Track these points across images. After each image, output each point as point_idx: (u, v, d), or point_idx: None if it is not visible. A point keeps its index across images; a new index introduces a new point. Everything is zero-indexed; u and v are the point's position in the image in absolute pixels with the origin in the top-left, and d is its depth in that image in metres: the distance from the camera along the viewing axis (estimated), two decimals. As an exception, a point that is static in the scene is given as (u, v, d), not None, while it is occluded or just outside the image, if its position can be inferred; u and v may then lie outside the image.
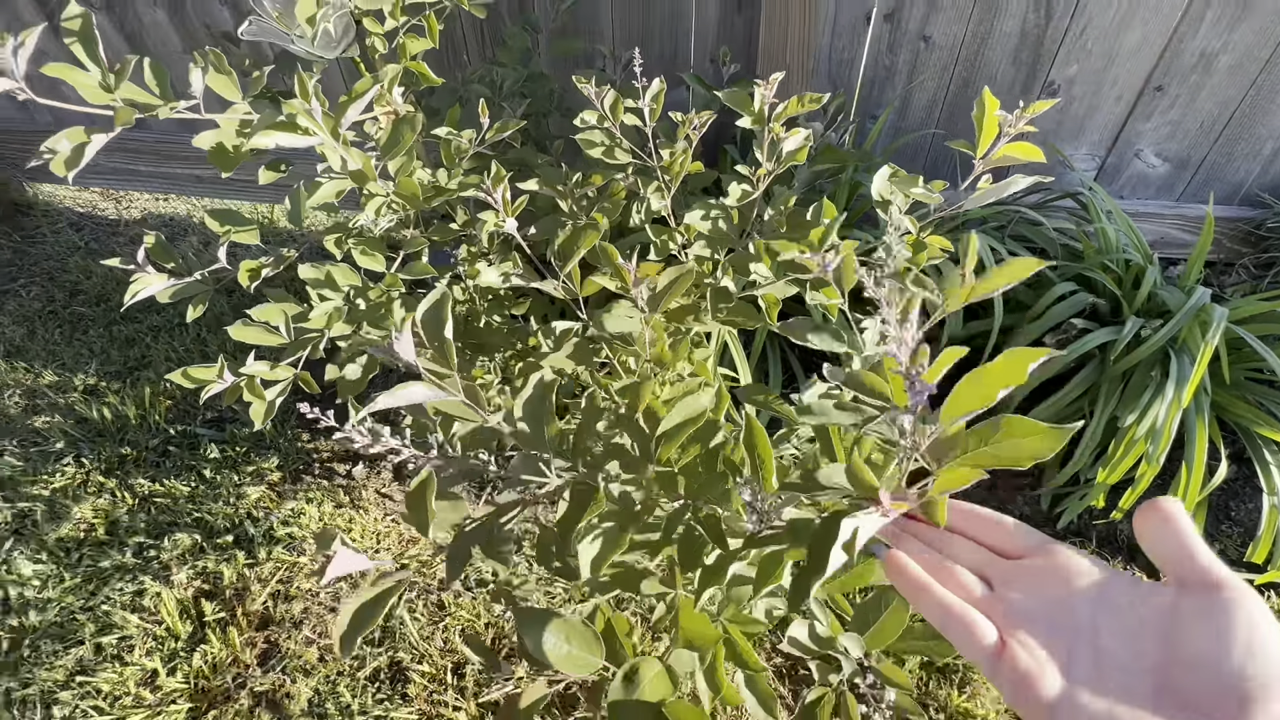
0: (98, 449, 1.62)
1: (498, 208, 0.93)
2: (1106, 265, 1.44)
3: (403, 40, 1.11)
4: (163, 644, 1.26)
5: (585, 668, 0.72)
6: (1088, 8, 1.44)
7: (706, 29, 1.63)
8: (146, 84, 0.82)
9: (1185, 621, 0.30)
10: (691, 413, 0.60)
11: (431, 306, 0.58)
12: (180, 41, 1.91)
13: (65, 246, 2.33)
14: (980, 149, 0.83)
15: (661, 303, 0.86)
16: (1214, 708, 0.28)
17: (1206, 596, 0.30)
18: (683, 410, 0.61)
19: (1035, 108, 0.79)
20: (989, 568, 0.39)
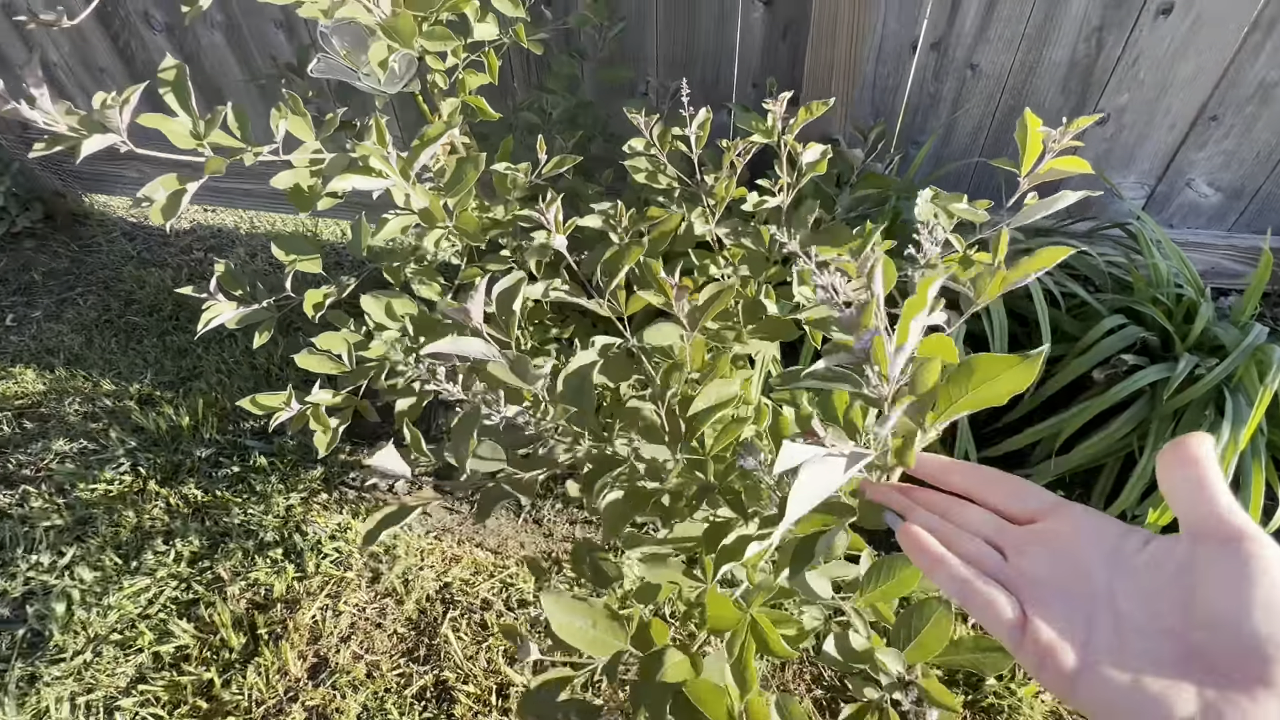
0: (153, 458, 1.68)
1: (550, 228, 0.95)
2: (1157, 298, 1.42)
3: (462, 76, 1.14)
4: (218, 655, 1.31)
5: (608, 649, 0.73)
6: (1140, 39, 1.42)
7: (750, 55, 1.64)
8: (230, 128, 0.85)
9: (1203, 577, 0.28)
10: (721, 397, 0.63)
11: (508, 287, 0.62)
12: (236, 63, 1.98)
13: (120, 256, 2.42)
14: (1025, 166, 0.83)
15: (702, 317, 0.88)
16: (1234, 668, 0.26)
17: (1225, 548, 0.28)
18: (713, 393, 0.64)
19: (1080, 123, 0.79)
20: (1002, 535, 0.38)
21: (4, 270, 2.35)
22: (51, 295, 2.26)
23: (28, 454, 1.72)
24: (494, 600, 1.39)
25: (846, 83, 1.52)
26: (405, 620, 1.36)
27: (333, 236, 2.45)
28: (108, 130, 0.68)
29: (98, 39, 2.04)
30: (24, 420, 1.82)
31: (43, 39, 2.11)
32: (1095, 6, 1.40)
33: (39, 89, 0.61)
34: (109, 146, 0.73)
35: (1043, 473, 1.40)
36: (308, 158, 0.91)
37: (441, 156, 1.18)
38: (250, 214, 2.63)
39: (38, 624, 1.36)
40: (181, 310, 2.15)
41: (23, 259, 2.41)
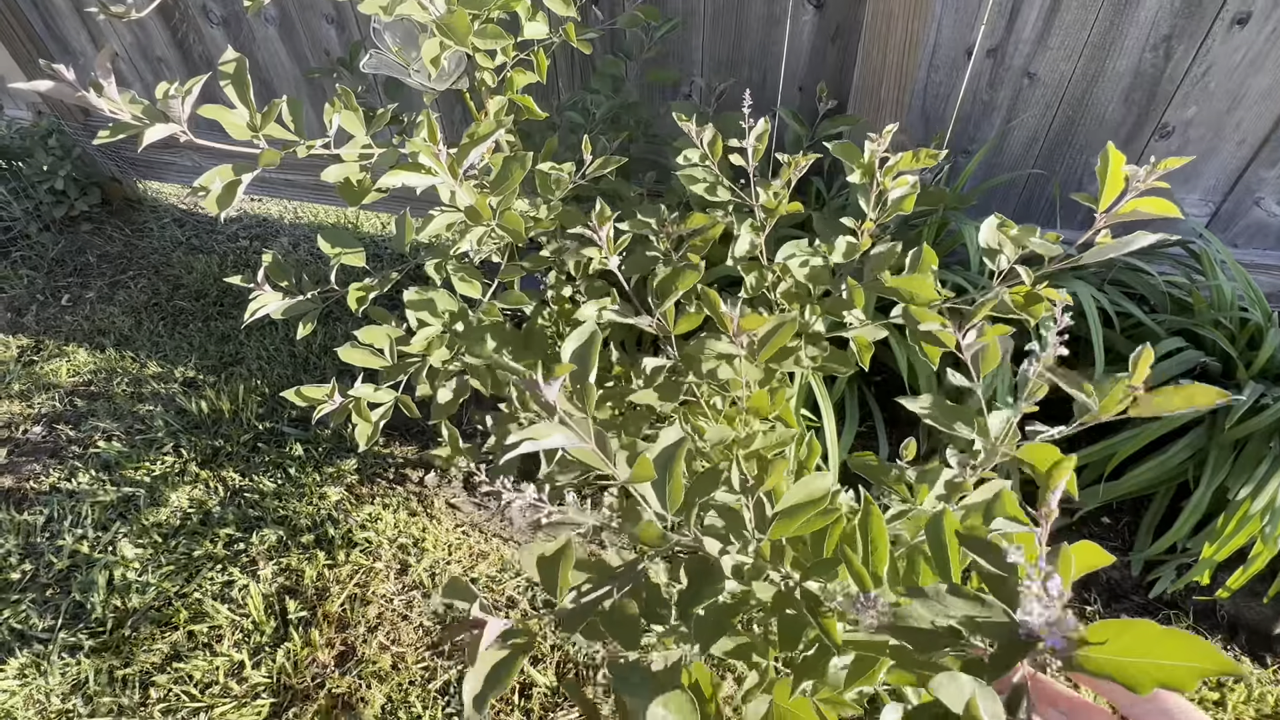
0: (195, 440, 1.72)
1: (601, 245, 0.94)
2: (1219, 321, 1.36)
3: (510, 74, 1.14)
4: (249, 637, 1.33)
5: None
6: (1213, 49, 1.36)
7: (798, 58, 1.62)
8: (284, 121, 0.86)
9: None
10: (810, 495, 0.60)
11: (580, 346, 0.59)
12: (287, 56, 2.02)
13: (169, 242, 2.49)
14: (1103, 203, 0.79)
15: (762, 352, 0.86)
16: None
17: None
18: (801, 491, 0.61)
19: (1168, 164, 0.75)
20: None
21: (62, 252, 2.45)
22: (105, 277, 2.34)
23: (78, 431, 1.78)
24: (519, 599, 1.39)
25: (898, 89, 1.48)
26: (431, 614, 1.37)
27: (373, 229, 2.49)
28: (169, 120, 0.70)
29: (157, 30, 2.11)
30: (75, 398, 1.88)
31: (106, 30, 2.18)
32: (1165, 14, 1.34)
33: (106, 79, 0.62)
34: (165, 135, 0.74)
35: (1090, 498, 1.35)
36: (357, 152, 0.92)
37: (487, 154, 1.18)
38: (294, 204, 2.69)
39: (80, 596, 1.40)
40: (226, 296, 2.20)
41: (79, 241, 2.50)
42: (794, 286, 1.09)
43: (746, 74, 1.67)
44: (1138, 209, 0.78)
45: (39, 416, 1.83)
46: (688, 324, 0.95)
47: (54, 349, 2.04)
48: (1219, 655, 0.31)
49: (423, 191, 0.96)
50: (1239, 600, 1.32)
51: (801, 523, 0.59)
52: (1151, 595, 1.35)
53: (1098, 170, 0.77)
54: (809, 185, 1.68)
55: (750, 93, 1.68)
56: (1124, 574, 1.40)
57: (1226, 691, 1.21)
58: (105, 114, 0.69)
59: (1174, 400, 0.48)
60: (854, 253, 0.95)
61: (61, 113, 2.46)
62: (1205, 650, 0.31)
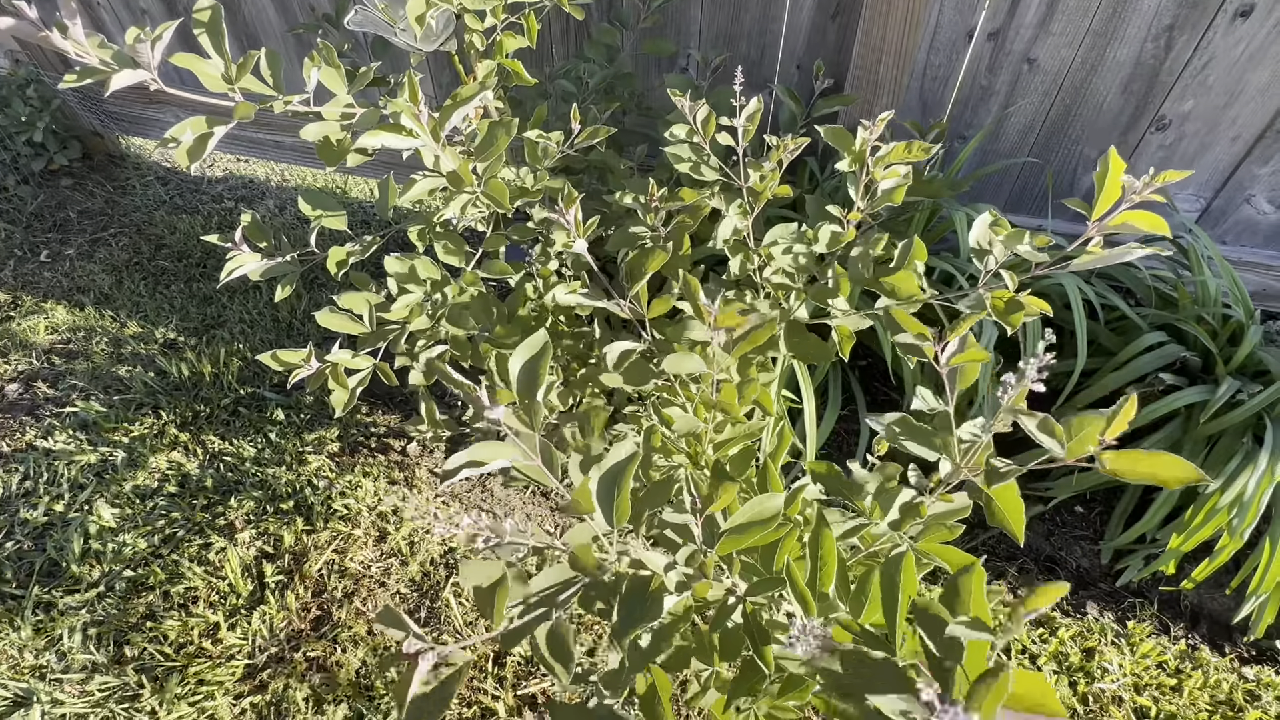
0: (174, 402, 1.70)
1: (569, 229, 0.92)
2: (1202, 317, 1.36)
3: (500, 38, 1.11)
4: (225, 600, 1.33)
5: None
6: (1214, 42, 1.35)
7: (796, 35, 1.59)
8: (261, 75, 0.84)
9: None
10: (760, 514, 0.60)
11: (529, 360, 0.58)
12: (274, 12, 1.96)
13: (152, 200, 2.44)
14: (1098, 211, 0.78)
15: (738, 348, 0.85)
16: None
17: None
18: (752, 510, 0.61)
19: (1167, 176, 0.74)
20: None
21: (41, 206, 2.39)
22: (85, 234, 2.29)
23: (55, 389, 1.76)
24: (497, 569, 1.40)
25: (896, 70, 1.46)
26: (408, 581, 1.38)
27: (361, 195, 2.45)
28: (138, 66, 0.67)
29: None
30: (53, 356, 1.85)
31: (87, -24, 2.11)
32: (1169, 4, 1.32)
33: (72, 19, 0.59)
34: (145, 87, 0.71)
35: (1063, 488, 1.37)
36: (339, 111, 0.89)
37: (474, 119, 1.15)
38: (282, 167, 2.64)
39: (56, 554, 1.40)
40: (210, 258, 2.16)
41: (59, 196, 2.44)
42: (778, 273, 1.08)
43: (744, 49, 1.64)
44: (1129, 222, 0.77)
45: (15, 374, 1.81)
46: (662, 307, 0.93)
47: (31, 305, 2.01)
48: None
49: (410, 157, 0.94)
50: (1202, 591, 1.35)
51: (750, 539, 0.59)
52: (1119, 584, 1.37)
53: (1096, 176, 0.76)
54: (802, 166, 1.66)
55: (747, 69, 1.66)
56: (1094, 562, 1.42)
57: (1184, 678, 1.24)
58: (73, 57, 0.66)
59: (1139, 466, 0.48)
60: (838, 243, 0.94)
61: (40, 61, 2.38)
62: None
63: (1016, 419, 0.55)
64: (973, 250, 0.84)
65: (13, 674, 1.23)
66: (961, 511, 0.69)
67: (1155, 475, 0.48)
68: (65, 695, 1.20)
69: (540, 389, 0.57)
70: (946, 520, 0.69)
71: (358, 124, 0.87)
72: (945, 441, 0.64)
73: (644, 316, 0.93)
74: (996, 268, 0.85)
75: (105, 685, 1.22)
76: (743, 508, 0.60)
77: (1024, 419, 0.54)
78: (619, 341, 0.89)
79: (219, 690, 1.21)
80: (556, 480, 0.60)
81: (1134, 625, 1.31)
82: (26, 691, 1.20)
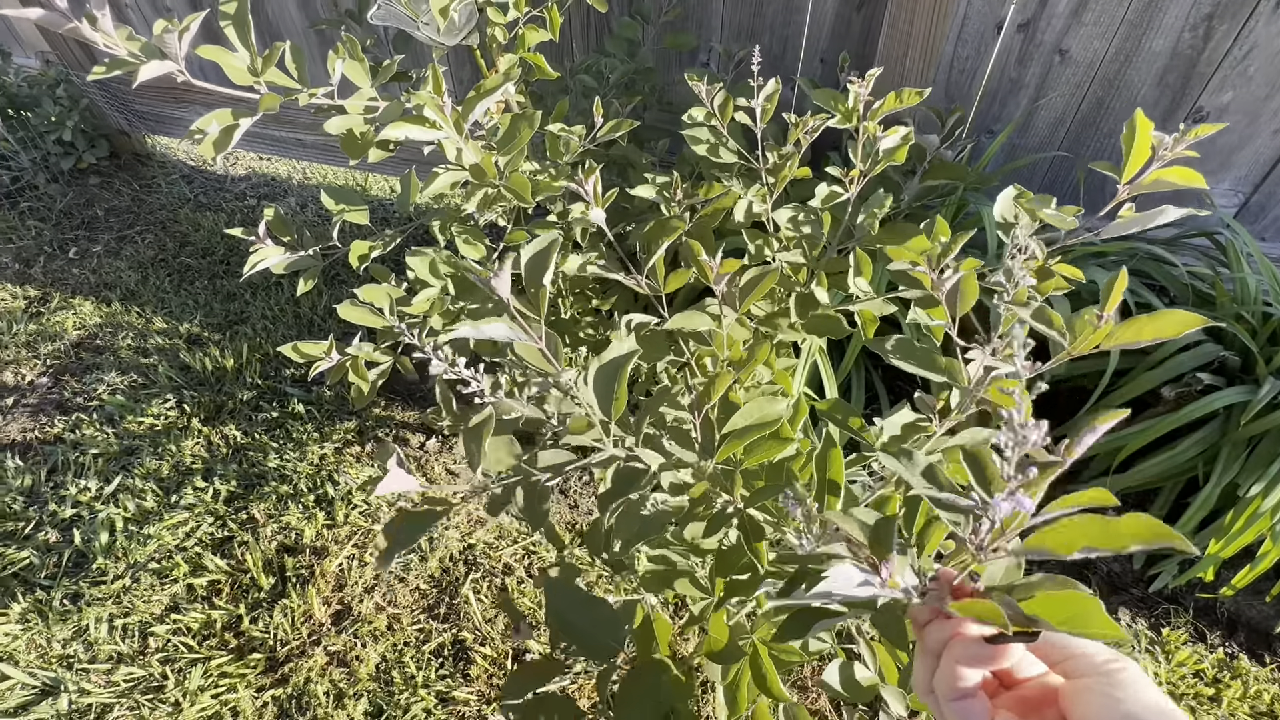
0: (198, 396, 1.72)
1: (588, 200, 0.91)
2: (1241, 315, 1.32)
3: (522, 31, 1.10)
4: (247, 592, 1.34)
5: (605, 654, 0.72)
6: (1255, 30, 1.30)
7: (820, 27, 1.56)
8: (286, 68, 0.84)
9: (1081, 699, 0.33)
10: (762, 417, 0.59)
11: (538, 252, 0.58)
12: (296, 8, 1.97)
13: (177, 198, 2.47)
14: (1127, 173, 0.75)
15: (743, 302, 0.84)
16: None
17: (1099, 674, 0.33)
18: (753, 412, 0.60)
19: (1200, 130, 0.72)
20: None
21: (70, 204, 2.43)
22: (112, 232, 2.33)
23: (82, 383, 1.79)
24: (515, 566, 1.40)
25: (923, 61, 1.43)
26: (428, 577, 1.38)
27: (381, 193, 2.46)
28: (165, 57, 0.67)
29: (167, -20, 2.06)
30: (80, 351, 1.88)
31: (115, -23, 2.14)
32: (1209, -8, 1.28)
33: (101, 9, 0.60)
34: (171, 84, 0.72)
35: (1095, 490, 1.33)
36: (363, 104, 0.89)
37: (495, 113, 1.15)
38: (304, 165, 2.66)
39: (83, 546, 1.42)
40: (233, 255, 2.19)
41: (88, 194, 2.49)
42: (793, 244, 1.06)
43: (767, 42, 1.62)
44: (1162, 179, 0.74)
45: (45, 368, 1.84)
46: (678, 280, 0.92)
47: (60, 301, 2.04)
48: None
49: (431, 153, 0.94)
50: (1240, 598, 1.31)
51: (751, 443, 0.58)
52: (1151, 589, 1.33)
53: (1123, 138, 0.74)
54: (825, 160, 1.63)
55: (770, 62, 1.64)
56: (1125, 567, 1.38)
57: (1222, 688, 1.20)
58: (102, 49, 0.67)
59: (1144, 330, 0.45)
60: (834, 199, 0.92)
61: (69, 61, 2.42)
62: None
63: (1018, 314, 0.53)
64: (999, 225, 0.82)
65: (41, 663, 1.25)
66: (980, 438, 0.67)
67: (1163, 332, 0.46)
68: (91, 685, 1.22)
69: (547, 275, 0.57)
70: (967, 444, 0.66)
71: (381, 117, 0.87)
72: (949, 364, 0.62)
73: (660, 292, 0.92)
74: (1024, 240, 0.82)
75: (130, 676, 1.23)
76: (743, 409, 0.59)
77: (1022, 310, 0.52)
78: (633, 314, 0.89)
79: (241, 683, 1.22)
80: (557, 367, 0.59)
81: (1169, 632, 1.28)
82: (54, 681, 1.22)
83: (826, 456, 0.63)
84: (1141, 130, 0.71)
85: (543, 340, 0.59)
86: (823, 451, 0.63)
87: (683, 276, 0.88)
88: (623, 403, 0.59)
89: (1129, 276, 1.43)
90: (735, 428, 0.62)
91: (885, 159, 0.92)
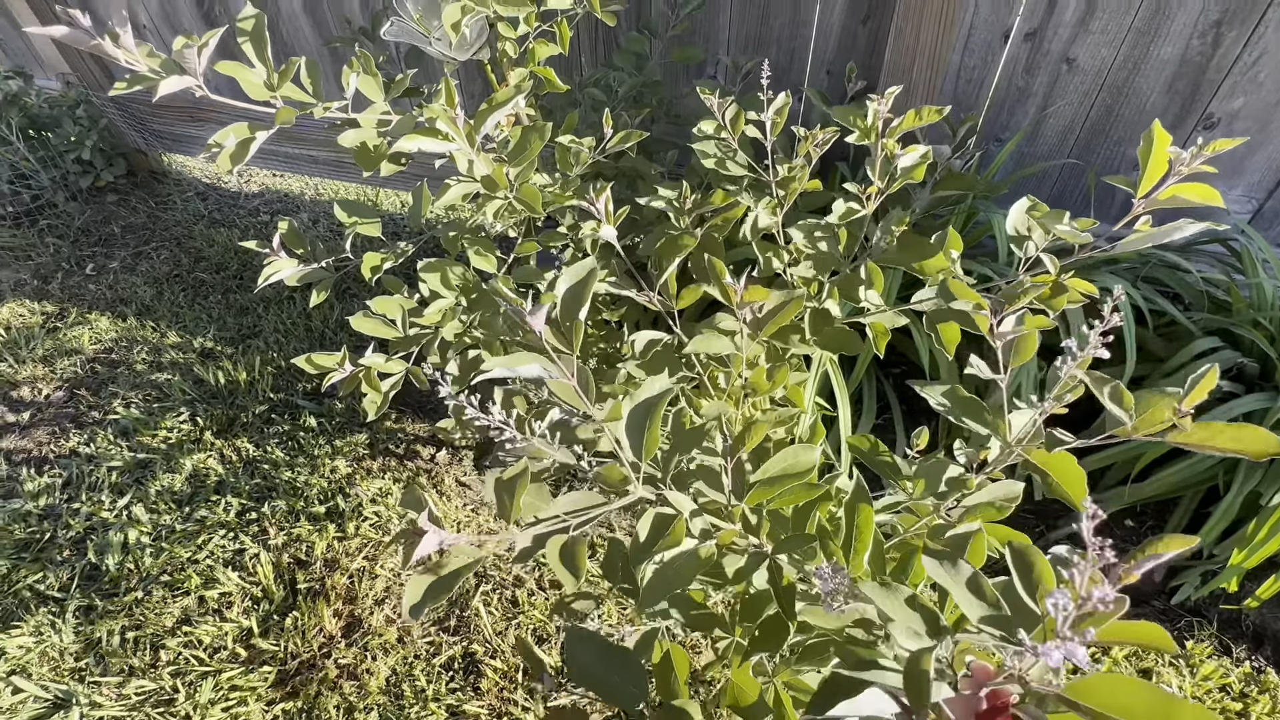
0: (210, 409, 1.73)
1: (600, 217, 0.91)
2: (1259, 321, 1.30)
3: (533, 46, 1.12)
4: (258, 605, 1.34)
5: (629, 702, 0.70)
6: (1265, 36, 1.30)
7: (826, 39, 1.57)
8: (301, 82, 0.85)
9: None
10: (793, 467, 0.58)
11: (576, 283, 0.58)
12: (310, 26, 2.01)
13: (192, 215, 2.51)
14: (1143, 187, 0.75)
15: (765, 328, 0.84)
16: None
17: None
18: (785, 459, 0.59)
19: (1218, 145, 0.71)
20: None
21: (88, 221, 2.48)
22: (128, 248, 2.36)
23: (98, 397, 1.81)
24: (526, 578, 1.39)
25: (930, 72, 1.44)
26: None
27: (392, 207, 2.49)
28: (184, 73, 0.69)
29: (188, 10, 2.11)
30: (96, 365, 1.91)
31: (137, 3, 2.19)
32: (1216, -1, 1.28)
33: (123, 27, 0.61)
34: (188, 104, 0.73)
35: (1115, 499, 1.31)
36: (376, 118, 0.90)
37: (506, 126, 1.16)
38: (316, 181, 2.70)
39: (96, 559, 1.42)
40: (246, 270, 2.21)
41: (105, 212, 2.53)
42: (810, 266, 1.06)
43: (774, 55, 1.63)
44: (1179, 195, 0.74)
45: (61, 382, 1.86)
46: (690, 297, 0.92)
47: (77, 316, 2.07)
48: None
49: (441, 166, 0.95)
50: (1266, 610, 1.28)
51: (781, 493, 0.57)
52: (1174, 601, 1.31)
53: (1139, 152, 0.73)
54: (833, 170, 1.64)
55: (777, 74, 1.65)
56: (1146, 578, 1.36)
57: (1250, 703, 1.17)
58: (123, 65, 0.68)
59: (1220, 437, 0.44)
60: (851, 215, 0.92)
61: (89, 82, 2.48)
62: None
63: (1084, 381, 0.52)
64: (1011, 238, 0.81)
65: (54, 675, 1.25)
66: (1013, 493, 0.66)
67: (1239, 447, 0.44)
68: (103, 698, 1.22)
69: (583, 309, 0.57)
70: (997, 500, 0.65)
71: (394, 130, 0.88)
72: (996, 416, 0.61)
73: (673, 308, 0.92)
74: (1037, 253, 0.82)
75: (141, 689, 1.23)
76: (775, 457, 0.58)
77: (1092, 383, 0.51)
78: (645, 331, 0.88)
79: (251, 696, 1.21)
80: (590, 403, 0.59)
81: (1193, 645, 1.25)
82: (67, 693, 1.22)
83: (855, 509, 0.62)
84: (1159, 143, 0.70)
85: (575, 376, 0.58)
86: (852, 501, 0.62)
87: (695, 293, 0.88)
88: (655, 444, 0.58)
89: (1141, 284, 1.42)
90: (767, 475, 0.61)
91: (903, 176, 0.91)
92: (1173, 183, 0.72)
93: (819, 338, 0.99)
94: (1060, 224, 0.81)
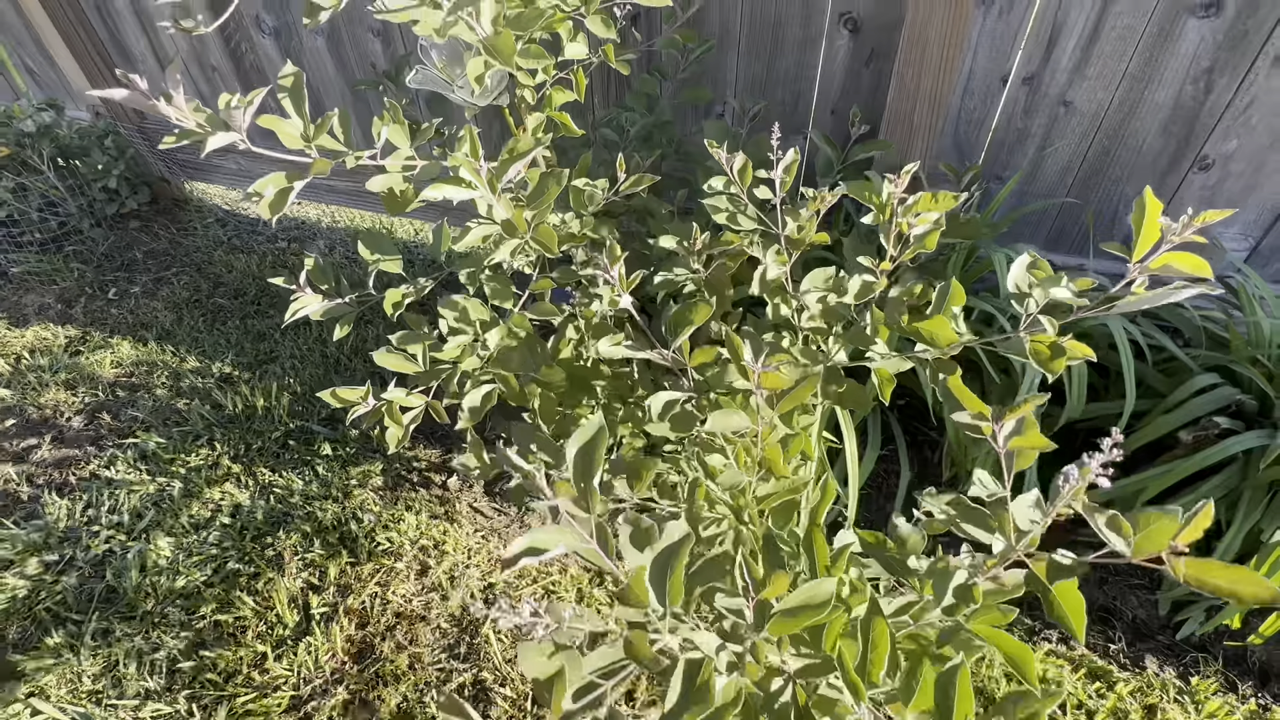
0: (228, 434, 1.77)
1: (613, 283, 0.95)
2: (1257, 359, 1.33)
3: (550, 93, 1.17)
4: (272, 630, 1.36)
5: None
6: (1255, 84, 1.34)
7: (831, 81, 1.63)
8: (334, 133, 0.90)
9: None
10: (812, 598, 0.61)
11: (585, 444, 0.60)
12: (333, 68, 2.09)
13: (212, 241, 2.58)
14: (1137, 253, 0.78)
15: (782, 404, 0.86)
16: None
17: None
18: (804, 595, 0.61)
19: (1207, 217, 0.74)
20: None
21: (111, 247, 2.55)
22: (150, 273, 2.43)
23: (118, 421, 1.85)
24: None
25: (931, 114, 1.49)
26: (449, 616, 1.39)
27: (405, 235, 2.55)
28: (229, 129, 0.73)
29: (212, 40, 2.20)
30: (117, 389, 1.95)
31: (165, 38, 2.28)
32: (1207, 48, 1.33)
33: (176, 89, 0.66)
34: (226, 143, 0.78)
35: (1116, 534, 1.32)
36: (401, 164, 0.95)
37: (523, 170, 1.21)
38: (333, 208, 2.77)
39: (115, 582, 1.45)
40: (264, 296, 2.27)
41: (128, 238, 2.60)
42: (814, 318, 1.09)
43: (779, 95, 1.69)
44: (1170, 265, 0.77)
45: (82, 406, 1.91)
46: (704, 357, 0.95)
47: (99, 340, 2.12)
48: None
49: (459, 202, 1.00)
50: (1271, 647, 1.28)
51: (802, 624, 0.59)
52: (1179, 636, 1.31)
53: (1133, 219, 0.77)
54: (838, 209, 1.68)
55: (783, 115, 1.71)
56: (1151, 613, 1.37)
57: (1256, 740, 1.17)
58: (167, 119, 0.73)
59: (1213, 577, 0.47)
60: (868, 292, 0.95)
61: (117, 115, 2.57)
62: None
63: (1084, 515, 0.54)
64: (1012, 294, 0.85)
65: (71, 698, 1.27)
66: (1015, 592, 0.68)
67: (1233, 591, 0.46)
68: (119, 721, 1.24)
69: (597, 474, 0.59)
70: (999, 600, 0.68)
71: (419, 176, 0.93)
72: (1001, 521, 0.64)
73: (687, 365, 0.96)
74: (1036, 312, 0.85)
75: (158, 713, 1.25)
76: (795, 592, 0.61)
77: (1092, 515, 0.54)
78: (663, 392, 0.91)
79: (264, 721, 1.23)
80: (612, 563, 0.62)
81: (1198, 681, 1.25)
82: (84, 716, 1.24)
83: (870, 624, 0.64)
84: (1150, 212, 0.73)
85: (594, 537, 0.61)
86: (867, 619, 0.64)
87: (709, 354, 0.91)
88: (679, 591, 0.60)
89: (1143, 319, 1.45)
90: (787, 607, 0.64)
91: (916, 245, 0.94)
92: (1165, 250, 0.76)
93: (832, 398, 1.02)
94: (1058, 287, 0.84)
